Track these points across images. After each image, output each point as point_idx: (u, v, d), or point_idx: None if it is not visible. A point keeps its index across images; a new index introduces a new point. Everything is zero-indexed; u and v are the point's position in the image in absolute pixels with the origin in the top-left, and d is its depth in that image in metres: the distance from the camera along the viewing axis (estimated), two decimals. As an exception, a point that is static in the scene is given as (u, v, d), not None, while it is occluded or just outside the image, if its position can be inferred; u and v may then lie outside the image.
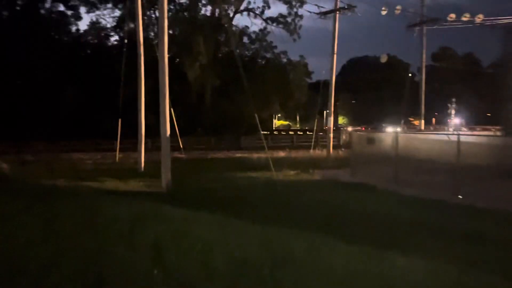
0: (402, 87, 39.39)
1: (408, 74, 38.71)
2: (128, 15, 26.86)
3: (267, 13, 44.52)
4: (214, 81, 40.06)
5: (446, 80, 65.08)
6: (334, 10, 25.43)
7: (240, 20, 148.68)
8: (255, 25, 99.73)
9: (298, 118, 75.34)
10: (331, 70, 26.71)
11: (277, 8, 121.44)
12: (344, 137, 38.47)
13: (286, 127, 74.25)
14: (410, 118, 55.42)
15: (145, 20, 33.56)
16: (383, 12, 26.26)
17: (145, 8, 22.75)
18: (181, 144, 24.53)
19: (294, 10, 42.36)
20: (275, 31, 43.71)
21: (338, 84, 27.72)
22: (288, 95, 45.83)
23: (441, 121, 63.94)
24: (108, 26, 45.41)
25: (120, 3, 41.84)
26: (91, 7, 43.50)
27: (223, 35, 42.47)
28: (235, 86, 35.84)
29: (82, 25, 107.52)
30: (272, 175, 15.95)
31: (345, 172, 17.99)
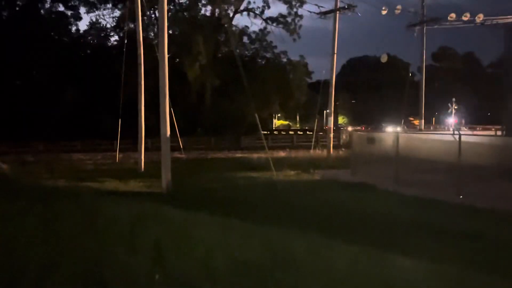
0: (402, 87, 39.37)
1: (409, 74, 38.66)
2: (128, 15, 26.84)
3: (267, 13, 44.71)
4: (214, 81, 40.03)
5: (446, 79, 65.12)
6: (334, 10, 25.39)
7: (240, 20, 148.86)
8: (255, 25, 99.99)
9: (298, 118, 75.32)
10: (331, 70, 26.66)
11: (277, 8, 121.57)
12: (344, 137, 38.44)
13: (286, 127, 74.23)
14: (410, 118, 55.42)
15: (145, 20, 33.61)
16: (383, 12, 26.25)
17: (145, 8, 22.71)
18: (181, 144, 24.49)
19: (294, 10, 42.35)
20: (275, 31, 43.71)
21: (338, 84, 27.68)
22: (288, 95, 45.79)
23: (441, 121, 63.97)
24: (108, 26, 45.50)
25: (120, 3, 41.89)
26: (91, 7, 43.55)
27: (223, 35, 42.45)
28: (235, 86, 35.81)
29: (82, 25, 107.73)
30: (272, 175, 15.93)
31: (346, 172, 17.96)
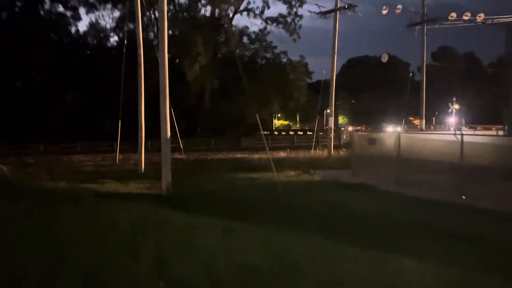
0: (401, 86, 39.31)
1: (409, 74, 38.60)
2: (128, 16, 26.77)
3: (266, 13, 44.59)
4: (213, 81, 39.96)
5: (446, 79, 64.98)
6: (335, 9, 25.29)
7: (239, 20, 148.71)
8: (255, 25, 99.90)
9: (298, 118, 75.20)
10: (332, 70, 26.58)
11: (277, 8, 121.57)
12: (344, 137, 38.39)
13: (286, 127, 74.12)
14: (410, 118, 55.36)
15: (145, 21, 33.56)
16: (384, 12, 26.17)
17: (144, 9, 22.63)
18: (181, 145, 24.42)
19: (294, 10, 42.25)
20: (275, 31, 43.60)
21: (337, 84, 27.57)
22: (288, 95, 45.72)
23: (441, 121, 63.87)
24: (107, 27, 45.40)
25: (120, 4, 41.79)
26: (91, 8, 43.46)
27: (222, 35, 42.39)
28: (235, 86, 35.75)
29: (82, 26, 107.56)
30: (273, 176, 15.83)
31: (346, 173, 17.89)
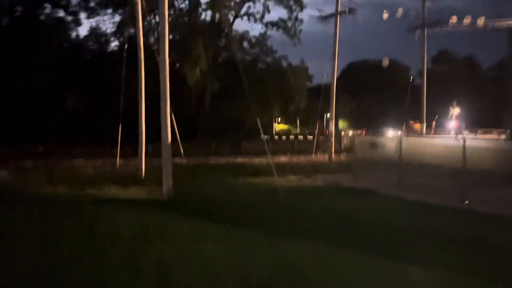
0: (401, 90, 39.23)
1: (409, 78, 38.57)
2: (128, 20, 26.74)
3: (267, 18, 44.36)
4: (214, 85, 39.91)
5: (446, 83, 64.93)
6: (335, 14, 25.30)
7: (240, 25, 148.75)
8: (255, 30, 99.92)
9: (298, 122, 75.09)
10: (333, 74, 26.58)
11: (277, 13, 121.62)
12: (345, 141, 38.30)
13: (286, 131, 73.99)
14: (410, 122, 55.26)
15: (145, 26, 33.51)
16: (385, 16, 26.19)
17: (145, 14, 22.61)
18: (181, 149, 24.30)
19: (294, 15, 42.30)
20: (275, 35, 43.67)
21: (338, 87, 27.53)
22: (288, 99, 45.65)
23: (441, 124, 63.75)
24: (108, 31, 45.36)
25: (120, 9, 41.78)
26: (91, 13, 43.45)
27: (223, 39, 42.39)
28: (235, 90, 35.67)
29: (82, 30, 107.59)
30: (274, 180, 15.74)
31: (348, 177, 17.82)
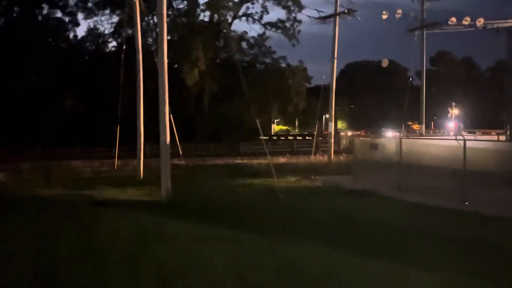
0: (400, 91, 39.22)
1: (408, 79, 38.53)
2: (126, 21, 26.64)
3: (265, 18, 44.34)
4: (212, 86, 39.84)
5: (444, 84, 65.00)
6: (334, 14, 25.23)
7: (238, 26, 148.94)
8: (254, 30, 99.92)
9: (297, 123, 75.08)
10: (332, 75, 26.51)
11: (276, 13, 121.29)
12: (344, 142, 38.24)
13: (285, 132, 73.95)
14: (409, 122, 55.27)
15: (143, 26, 33.41)
16: (384, 17, 26.12)
17: (143, 14, 22.53)
18: (180, 150, 24.22)
19: (293, 15, 42.23)
20: (274, 36, 43.54)
21: (336, 88, 27.45)
22: (287, 100, 45.60)
23: (440, 125, 63.79)
24: (106, 32, 45.26)
25: (118, 9, 41.67)
26: (89, 13, 43.33)
27: (221, 40, 42.30)
28: (234, 91, 35.64)
29: (80, 31, 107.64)
30: (273, 181, 15.68)
31: (348, 178, 17.76)
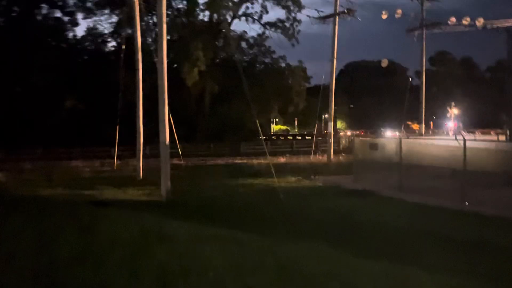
0: (399, 91, 39.22)
1: (407, 79, 38.53)
2: (126, 20, 26.61)
3: (265, 18, 44.28)
4: (212, 87, 39.83)
5: (444, 84, 65.02)
6: (334, 14, 25.22)
7: (238, 26, 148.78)
8: (253, 30, 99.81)
9: (296, 123, 75.06)
10: (331, 74, 26.50)
11: (276, 13, 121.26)
12: (343, 142, 38.22)
13: (285, 132, 73.93)
14: (408, 122, 55.25)
15: (143, 26, 33.37)
16: (384, 17, 26.11)
17: (142, 14, 22.50)
18: (180, 150, 24.21)
19: (293, 15, 42.21)
20: (274, 36, 43.54)
21: (336, 88, 27.47)
22: (287, 100, 45.63)
23: (439, 125, 63.77)
24: (105, 32, 45.21)
25: (117, 9, 41.62)
26: (88, 13, 43.28)
27: (221, 40, 42.28)
28: (233, 91, 35.63)
29: (79, 31, 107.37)
30: (273, 181, 15.66)
31: (348, 178, 17.74)
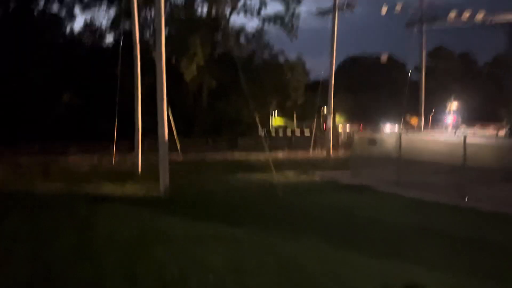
0: (398, 86, 39.16)
1: (406, 73, 38.48)
2: (123, 15, 26.44)
3: (264, 12, 44.01)
4: (210, 81, 39.70)
5: (442, 79, 64.96)
6: (333, 9, 25.09)
7: (236, 20, 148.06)
8: (252, 25, 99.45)
9: (295, 118, 74.92)
10: (330, 69, 26.43)
11: (274, 7, 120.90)
12: (342, 137, 38.18)
13: (283, 126, 73.79)
14: (406, 117, 55.20)
15: (141, 20, 33.20)
16: (383, 11, 26.00)
17: (140, 8, 22.35)
18: (178, 145, 24.13)
19: (291, 9, 42.02)
20: (272, 30, 43.42)
21: (334, 82, 27.36)
22: (285, 94, 45.57)
23: (438, 120, 63.79)
24: (103, 26, 44.96)
25: (115, 3, 41.38)
26: (85, 7, 43.01)
27: (219, 35, 42.09)
28: (232, 86, 35.51)
29: (77, 26, 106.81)
30: (272, 176, 15.61)
31: (346, 173, 17.75)
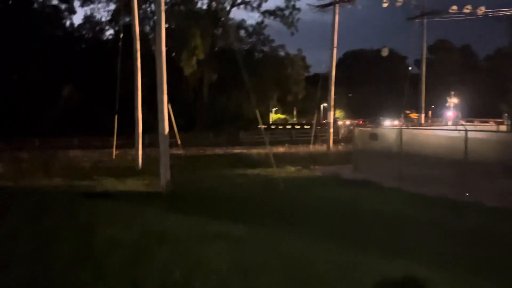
0: (398, 80, 39.07)
1: (406, 67, 38.36)
2: (123, 8, 26.29)
3: (264, 6, 43.94)
4: (211, 76, 39.61)
5: (442, 72, 64.76)
6: (334, 2, 24.96)
7: (237, 14, 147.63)
8: (252, 19, 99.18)
9: (295, 112, 74.80)
10: (331, 63, 26.33)
11: (275, 1, 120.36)
12: (342, 131, 38.11)
13: (283, 121, 73.69)
14: (406, 111, 55.13)
15: (141, 14, 33.06)
16: (384, 4, 25.84)
17: (140, 2, 22.23)
18: (179, 140, 24.08)
19: (292, 3, 41.89)
20: (273, 24, 43.26)
21: (335, 77, 27.26)
22: (285, 89, 45.49)
23: (438, 114, 63.67)
24: (103, 20, 44.86)
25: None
26: (85, 1, 42.90)
27: (220, 29, 41.97)
28: (232, 80, 35.47)
29: (77, 19, 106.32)
30: (273, 171, 15.57)
31: (347, 168, 17.71)
